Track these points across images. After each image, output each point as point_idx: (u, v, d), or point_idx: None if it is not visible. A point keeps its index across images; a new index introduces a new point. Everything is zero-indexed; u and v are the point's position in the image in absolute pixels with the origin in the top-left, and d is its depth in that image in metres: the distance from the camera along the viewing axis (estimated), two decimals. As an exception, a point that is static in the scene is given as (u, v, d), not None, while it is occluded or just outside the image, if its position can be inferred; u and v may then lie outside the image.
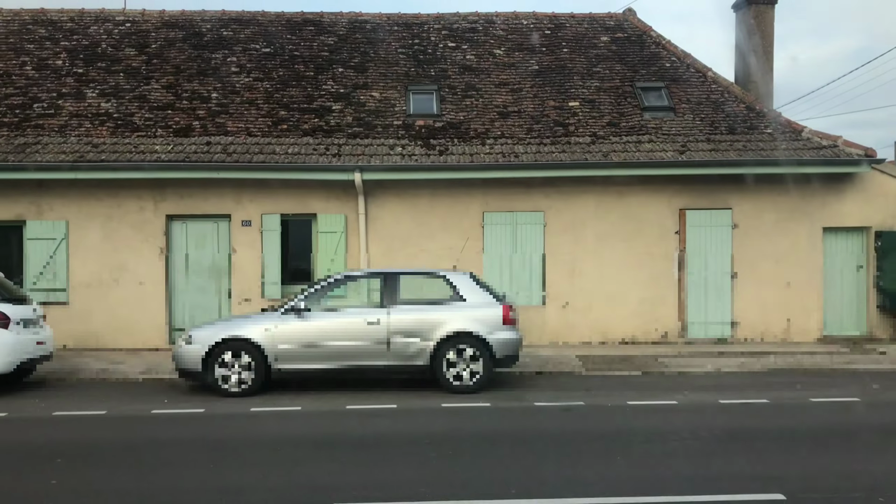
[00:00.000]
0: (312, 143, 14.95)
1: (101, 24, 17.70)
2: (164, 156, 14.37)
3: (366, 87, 16.40)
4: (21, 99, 15.68)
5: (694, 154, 14.87)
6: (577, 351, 14.11)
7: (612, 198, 15.08)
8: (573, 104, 16.19)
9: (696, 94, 16.56)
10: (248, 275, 14.78)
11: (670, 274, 15.10)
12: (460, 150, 14.91)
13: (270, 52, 17.16)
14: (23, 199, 14.56)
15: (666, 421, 9.03)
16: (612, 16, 18.68)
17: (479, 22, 18.30)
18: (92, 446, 8.03)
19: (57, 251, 14.57)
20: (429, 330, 10.77)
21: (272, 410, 9.68)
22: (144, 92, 16.01)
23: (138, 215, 14.69)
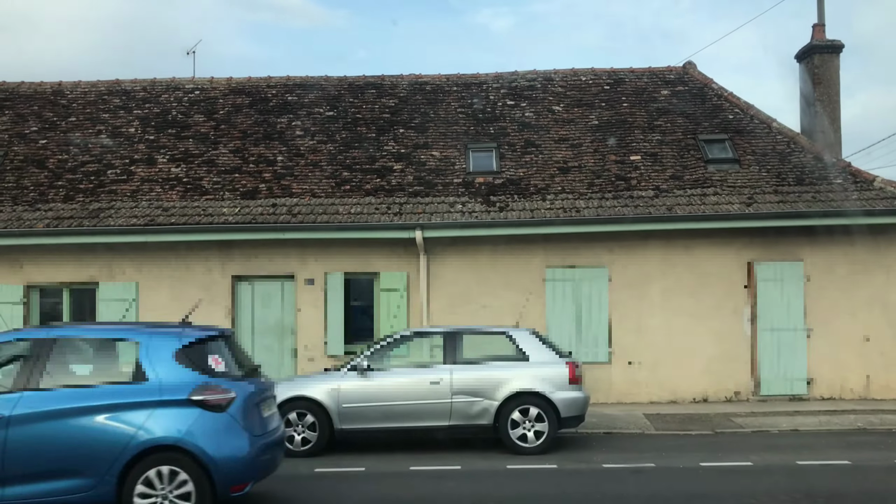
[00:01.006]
0: (374, 203, 15.15)
1: (171, 92, 18.41)
2: (231, 218, 14.72)
3: (426, 147, 16.61)
4: (96, 166, 16.33)
5: (761, 206, 14.56)
6: (646, 410, 13.73)
7: (678, 251, 14.81)
8: (635, 158, 16.08)
9: (761, 145, 16.29)
10: (311, 333, 14.89)
11: (740, 329, 14.67)
12: (520, 206, 14.90)
13: (333, 115, 17.56)
14: (96, 262, 15.04)
15: (741, 483, 8.65)
16: (672, 69, 18.63)
17: (538, 80, 18.45)
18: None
19: (127, 313, 14.95)
20: (492, 389, 10.63)
21: (336, 471, 9.62)
22: (213, 156, 16.51)
23: (206, 276, 15.01)
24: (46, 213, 15.08)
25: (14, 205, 15.34)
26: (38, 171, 16.22)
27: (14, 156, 16.63)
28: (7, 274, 15.00)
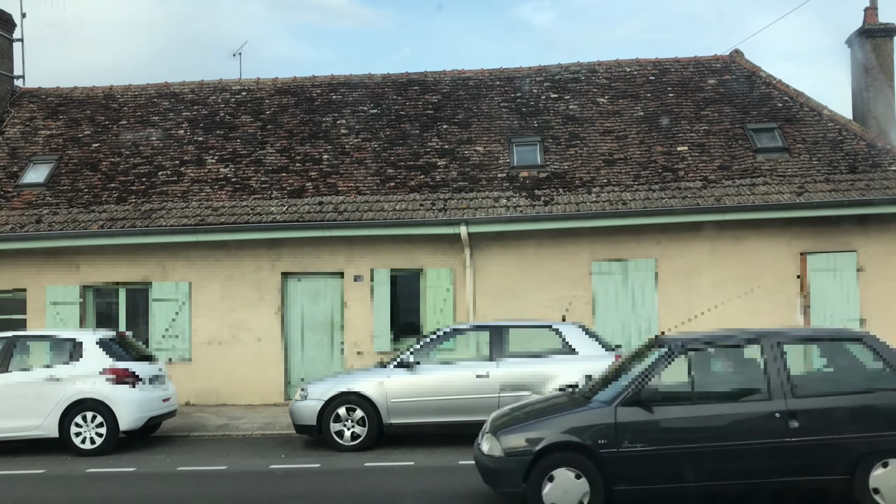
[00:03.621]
0: (419, 199, 15.21)
1: (219, 93, 18.72)
2: (280, 217, 14.92)
3: (470, 142, 16.62)
4: (147, 168, 16.69)
5: (813, 195, 14.26)
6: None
7: (728, 243, 14.59)
8: (682, 149, 15.88)
9: (811, 133, 15.95)
10: (359, 329, 15.03)
11: (792, 321, 14.39)
12: (565, 200, 14.83)
13: (377, 113, 17.67)
14: (149, 262, 15.38)
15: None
16: (719, 58, 18.33)
17: (582, 72, 18.32)
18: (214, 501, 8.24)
19: (180, 311, 15.26)
20: (539, 383, 10.61)
21: (386, 465, 9.70)
22: (260, 156, 16.75)
23: (255, 274, 15.24)
24: (101, 214, 15.46)
25: (69, 207, 15.76)
26: (91, 174, 16.64)
27: (69, 159, 17.08)
28: (64, 275, 15.42)
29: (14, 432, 11.11)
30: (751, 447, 6.71)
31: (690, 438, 6.80)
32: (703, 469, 6.74)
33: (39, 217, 15.51)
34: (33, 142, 17.69)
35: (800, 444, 6.68)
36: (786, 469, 6.73)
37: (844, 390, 7.12)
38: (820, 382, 7.24)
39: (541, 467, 6.83)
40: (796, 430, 6.69)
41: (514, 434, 7.04)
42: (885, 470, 6.70)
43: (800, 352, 7.61)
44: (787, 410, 6.75)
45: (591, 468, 6.76)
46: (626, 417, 6.81)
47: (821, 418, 6.77)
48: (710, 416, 6.87)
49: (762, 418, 6.78)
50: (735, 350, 7.47)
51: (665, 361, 7.12)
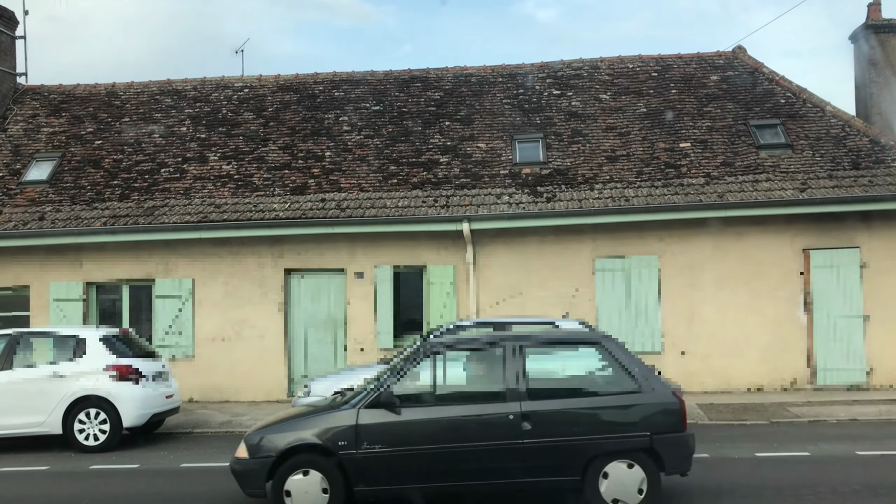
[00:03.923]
0: (421, 196, 15.21)
1: (221, 90, 18.72)
2: (282, 213, 14.93)
3: (472, 139, 16.61)
4: (150, 165, 16.69)
5: (816, 191, 14.25)
6: (699, 399, 13.56)
7: (730, 239, 14.58)
8: (684, 145, 15.86)
9: (814, 129, 15.93)
10: (362, 326, 15.04)
11: (795, 317, 14.38)
12: (568, 197, 14.82)
13: (380, 110, 17.66)
14: (152, 259, 15.39)
15: (799, 474, 8.52)
16: (722, 54, 18.29)
17: (584, 68, 18.29)
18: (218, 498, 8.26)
19: (183, 308, 15.28)
20: (543, 380, 10.58)
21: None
22: (262, 153, 16.75)
23: (258, 271, 15.25)
24: (103, 211, 15.48)
25: (72, 204, 15.77)
26: (94, 171, 16.65)
27: (71, 157, 17.10)
28: (67, 272, 15.45)
29: (18, 429, 11.14)
30: (487, 448, 6.85)
31: (429, 440, 6.91)
32: (441, 470, 6.90)
33: (42, 214, 15.53)
34: (36, 139, 17.70)
35: (532, 446, 6.83)
36: (520, 470, 6.88)
37: (579, 393, 7.23)
38: (557, 385, 7.29)
39: (283, 469, 6.96)
40: (529, 432, 6.83)
41: (260, 436, 7.20)
42: (614, 470, 6.86)
43: (549, 354, 7.68)
44: (521, 412, 6.88)
45: (332, 469, 6.88)
46: (367, 419, 6.92)
47: (553, 421, 6.90)
48: (448, 417, 7.00)
49: (498, 420, 6.90)
50: (480, 352, 7.56)
51: (410, 364, 7.27)
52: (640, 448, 6.85)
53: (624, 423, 6.92)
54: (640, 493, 6.82)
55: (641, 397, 6.97)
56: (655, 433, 6.84)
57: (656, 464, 6.88)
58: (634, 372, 7.06)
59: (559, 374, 7.56)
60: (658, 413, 6.92)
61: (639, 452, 6.86)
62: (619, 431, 6.89)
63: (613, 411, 7.00)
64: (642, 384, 6.99)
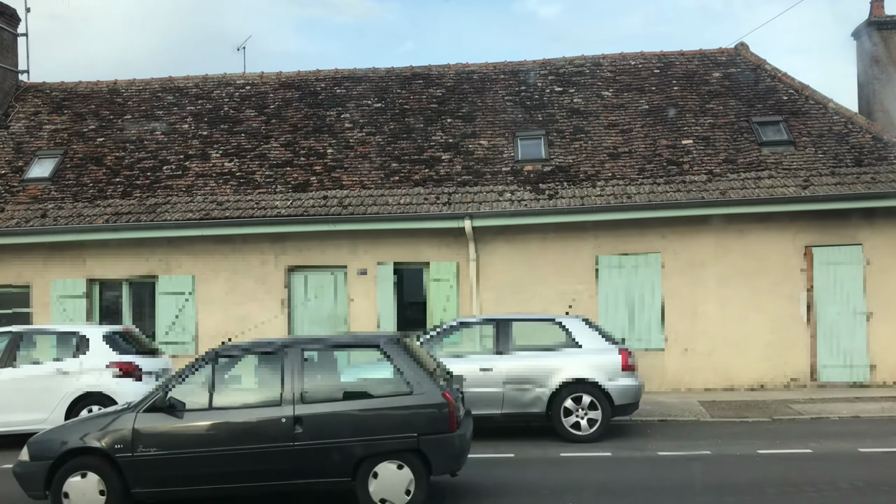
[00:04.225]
0: (423, 193, 15.20)
1: (223, 88, 18.71)
2: (284, 211, 14.93)
3: (474, 136, 16.60)
4: (152, 162, 16.70)
5: (818, 188, 14.23)
6: (701, 397, 13.57)
7: (733, 236, 14.57)
8: (687, 142, 15.84)
9: (817, 126, 15.90)
10: (364, 323, 15.04)
11: (798, 315, 14.37)
12: (570, 194, 14.81)
13: (382, 107, 17.66)
14: (154, 256, 15.40)
15: (800, 471, 8.51)
16: (724, 51, 18.26)
17: (586, 65, 18.27)
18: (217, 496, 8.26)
19: (185, 305, 15.29)
20: (544, 377, 10.61)
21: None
22: (264, 150, 16.75)
23: (260, 268, 15.26)
24: (106, 209, 15.49)
25: (75, 201, 15.79)
26: (96, 169, 16.66)
27: (73, 154, 17.11)
28: (70, 269, 15.46)
29: (21, 426, 11.12)
30: (261, 451, 7.00)
31: (205, 443, 7.06)
32: (216, 473, 7.07)
33: (45, 211, 15.55)
34: (38, 136, 17.71)
35: (304, 448, 6.97)
36: (292, 472, 7.02)
37: (353, 396, 7.32)
38: (332, 389, 7.39)
39: (62, 471, 7.12)
40: (300, 434, 6.97)
41: (41, 440, 7.42)
42: (384, 471, 6.97)
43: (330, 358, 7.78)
44: (294, 416, 7.01)
45: (109, 472, 7.06)
46: (144, 424, 7.10)
47: (324, 424, 7.01)
48: (224, 421, 7.14)
49: (271, 423, 7.04)
50: (263, 357, 7.67)
51: (191, 369, 7.42)
52: (407, 449, 6.97)
53: (393, 424, 7.01)
54: (407, 494, 6.96)
55: (411, 399, 7.05)
56: (423, 434, 6.95)
57: (424, 464, 7.00)
58: (407, 374, 7.13)
59: (336, 378, 7.69)
60: (426, 414, 7.01)
61: (407, 453, 6.97)
62: (388, 433, 7.00)
63: (384, 413, 7.09)
64: (414, 386, 7.07)
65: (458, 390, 7.68)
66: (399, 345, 7.37)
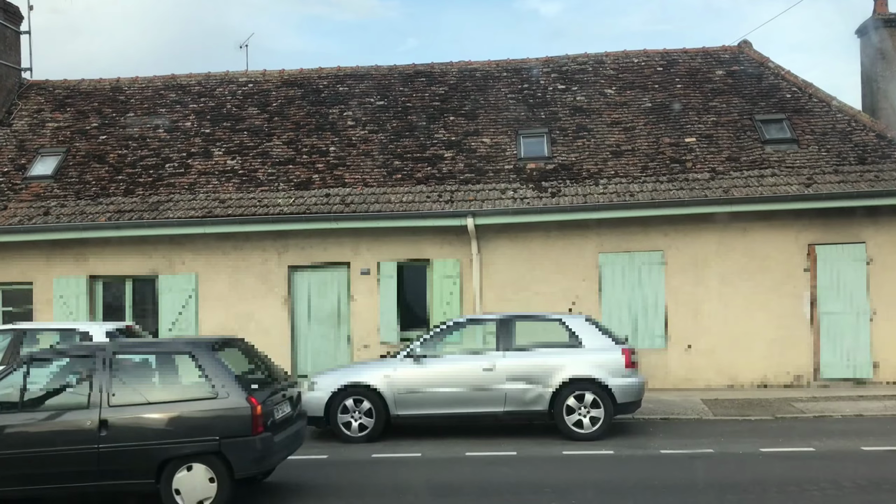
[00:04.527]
0: (426, 191, 15.19)
1: (225, 85, 18.71)
2: (286, 209, 14.92)
3: (476, 134, 16.58)
4: (154, 160, 16.70)
5: (821, 187, 14.20)
6: (703, 395, 13.55)
7: (736, 234, 14.54)
8: (689, 140, 15.82)
9: (820, 124, 15.86)
10: (366, 321, 15.04)
11: (801, 313, 14.35)
12: (573, 192, 14.79)
13: (384, 105, 17.64)
14: (156, 254, 15.40)
15: (803, 469, 8.51)
16: (727, 49, 18.23)
17: (589, 63, 18.24)
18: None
19: (188, 303, 15.29)
20: (546, 375, 10.60)
21: (393, 456, 9.73)
22: (267, 148, 16.74)
23: (263, 266, 15.26)
24: (108, 206, 15.50)
25: (77, 199, 15.79)
26: (99, 167, 16.67)
27: (76, 152, 17.11)
28: (72, 266, 15.47)
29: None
30: (66, 454, 7.15)
31: (13, 445, 7.20)
32: (25, 474, 7.21)
33: (47, 209, 15.55)
34: (41, 134, 17.72)
35: (109, 451, 7.14)
36: (97, 474, 7.17)
37: (161, 399, 7.40)
38: (141, 393, 7.46)
39: None
40: (105, 437, 7.14)
41: None
42: (188, 473, 7.16)
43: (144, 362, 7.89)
44: (100, 419, 7.18)
45: None
46: None
47: (129, 427, 7.19)
48: (30, 423, 7.32)
49: (77, 426, 7.20)
50: (78, 360, 7.79)
51: (5, 372, 7.65)
52: (210, 451, 7.15)
53: (196, 428, 7.18)
54: (208, 496, 7.13)
55: (215, 403, 7.23)
56: (224, 437, 7.13)
57: (226, 466, 7.16)
58: (214, 379, 7.29)
59: (145, 383, 7.76)
60: (229, 418, 7.18)
61: (209, 455, 7.16)
62: (191, 436, 7.17)
63: (188, 417, 7.24)
64: (219, 391, 7.24)
65: (283, 395, 7.91)
66: (212, 351, 7.53)
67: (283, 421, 7.75)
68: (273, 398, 7.64)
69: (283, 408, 7.84)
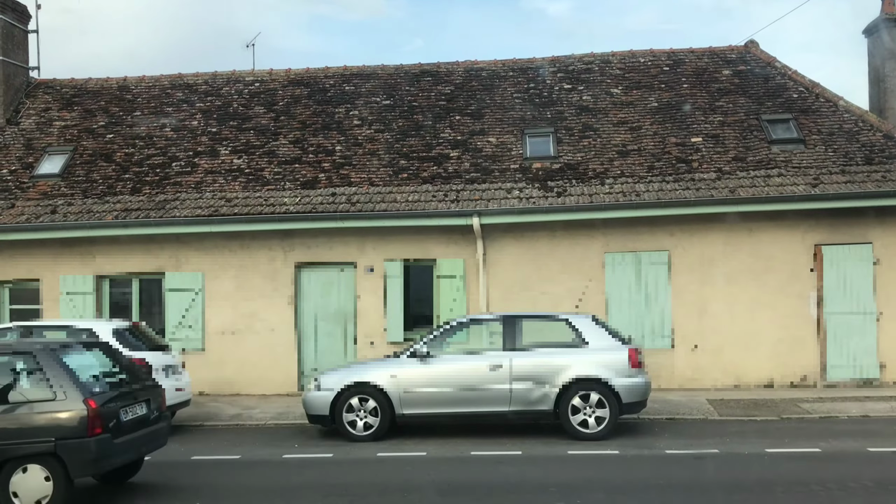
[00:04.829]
0: (431, 191, 15.20)
1: (232, 84, 18.74)
2: (293, 208, 14.95)
3: (482, 133, 16.58)
4: (161, 158, 16.75)
5: (828, 187, 14.16)
6: (709, 395, 13.53)
7: (742, 235, 14.52)
8: (696, 140, 15.79)
9: (827, 124, 15.82)
10: (371, 320, 15.06)
11: (807, 313, 14.32)
12: (578, 191, 14.78)
13: (390, 104, 17.65)
14: (163, 253, 15.45)
15: (809, 470, 8.50)
16: (734, 48, 18.19)
17: (595, 62, 18.22)
18: (228, 490, 8.30)
19: (194, 301, 15.33)
20: (552, 375, 10.60)
21: (398, 455, 9.74)
22: (273, 147, 16.77)
23: (269, 265, 15.29)
24: (115, 205, 15.54)
25: (84, 198, 15.84)
26: (106, 165, 16.72)
27: (83, 150, 17.16)
28: (79, 265, 15.52)
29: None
30: None
31: None
32: None
33: (55, 208, 15.61)
34: (48, 133, 17.78)
35: None
36: None
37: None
38: None
39: None
40: None
41: None
42: (23, 475, 7.21)
43: None
44: None
45: None
46: None
47: None
48: None
49: None
50: None
51: None
52: (45, 452, 7.20)
53: (35, 429, 7.22)
54: (44, 496, 7.19)
55: (53, 405, 7.26)
56: (60, 439, 7.18)
57: (63, 468, 7.22)
58: (53, 381, 7.35)
59: None
60: (65, 420, 7.23)
61: (46, 457, 7.22)
62: (28, 437, 7.21)
63: (27, 418, 7.27)
64: (57, 393, 7.29)
65: (136, 398, 8.00)
66: (54, 353, 7.57)
67: (134, 422, 7.84)
68: (119, 400, 7.71)
69: (135, 409, 7.94)
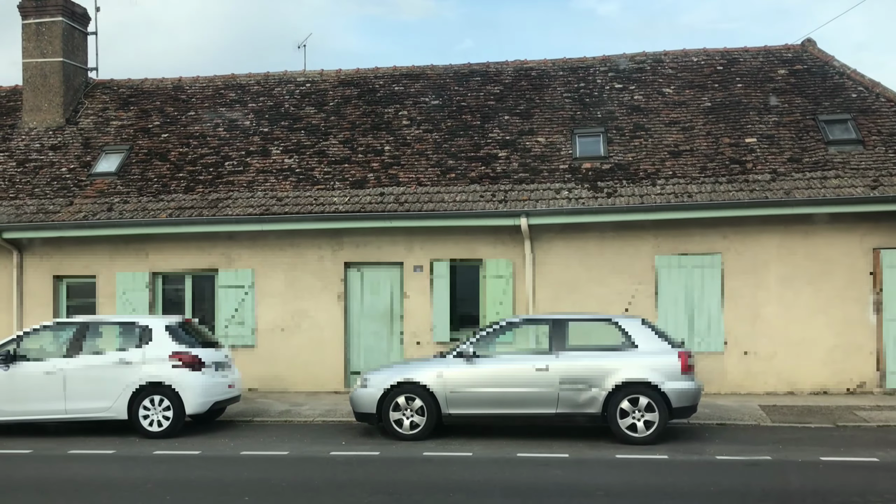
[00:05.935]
0: (479, 191, 15.17)
1: (283, 85, 18.96)
2: (342, 207, 15.07)
3: (531, 133, 16.50)
4: (214, 158, 17.02)
5: (888, 189, 13.76)
6: (761, 401, 13.26)
7: (797, 237, 14.19)
8: (750, 140, 15.49)
9: (888, 124, 15.38)
10: (418, 319, 15.09)
11: (865, 318, 13.94)
12: (629, 192, 14.61)
13: (439, 105, 17.67)
14: (215, 250, 15.70)
15: (866, 480, 8.25)
16: (790, 47, 17.80)
17: (647, 62, 18.00)
18: (276, 486, 8.39)
19: (245, 298, 15.55)
20: (600, 378, 10.49)
21: (444, 455, 9.73)
22: (323, 147, 16.93)
23: (318, 264, 15.43)
24: (169, 203, 15.84)
25: (139, 196, 16.18)
26: (160, 164, 17.05)
27: (139, 149, 17.54)
28: (134, 262, 15.87)
29: (86, 413, 11.49)
30: None
31: None
32: None
33: (111, 205, 15.97)
34: (105, 132, 18.21)
35: None
36: None
37: None
38: None
39: None
40: None
41: None
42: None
43: None
44: None
45: None
46: None
47: None
48: None
49: None
50: None
51: None
52: None
53: None
54: None
55: None
56: None
57: None
58: None
59: None
60: None
61: None
62: None
63: None
64: None
65: None
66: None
67: None
68: None
69: None
